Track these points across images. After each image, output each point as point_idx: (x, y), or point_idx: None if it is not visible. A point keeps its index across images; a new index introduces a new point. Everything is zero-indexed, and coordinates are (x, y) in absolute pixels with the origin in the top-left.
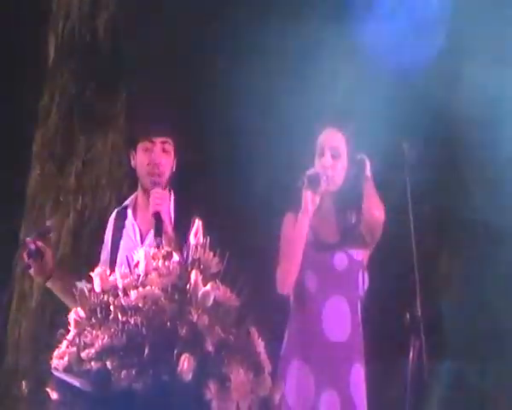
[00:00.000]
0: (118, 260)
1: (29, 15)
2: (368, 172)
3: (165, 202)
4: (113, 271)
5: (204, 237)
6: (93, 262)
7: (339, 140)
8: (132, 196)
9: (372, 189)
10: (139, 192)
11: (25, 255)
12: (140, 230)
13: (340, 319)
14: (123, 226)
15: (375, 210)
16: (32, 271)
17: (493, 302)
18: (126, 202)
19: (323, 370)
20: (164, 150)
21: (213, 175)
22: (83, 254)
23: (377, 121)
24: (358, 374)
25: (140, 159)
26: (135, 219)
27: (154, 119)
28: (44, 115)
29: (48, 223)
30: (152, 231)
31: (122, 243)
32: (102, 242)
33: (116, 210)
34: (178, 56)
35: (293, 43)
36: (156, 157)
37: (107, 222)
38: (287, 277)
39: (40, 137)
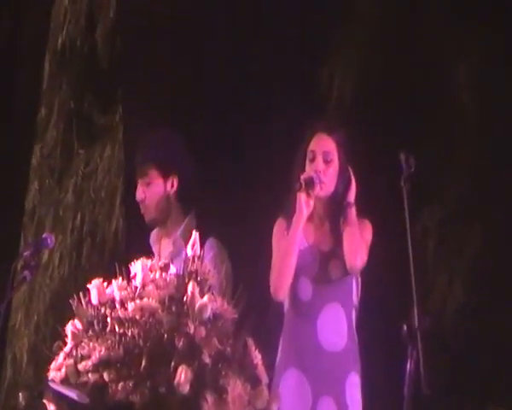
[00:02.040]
0: None
1: (27, 29)
2: (351, 197)
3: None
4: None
5: (201, 249)
6: (93, 276)
7: (330, 145)
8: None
9: (352, 223)
10: None
11: (21, 268)
12: (158, 253)
13: (335, 327)
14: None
15: (352, 259)
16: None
17: (493, 312)
18: (153, 232)
19: (319, 379)
20: (145, 185)
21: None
22: (83, 268)
23: (373, 130)
24: (354, 383)
25: None
26: (156, 248)
27: (134, 156)
28: (42, 129)
29: (44, 235)
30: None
31: None
32: (102, 256)
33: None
34: (177, 69)
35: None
36: (138, 195)
37: (106, 236)
38: (281, 282)
39: (39, 150)
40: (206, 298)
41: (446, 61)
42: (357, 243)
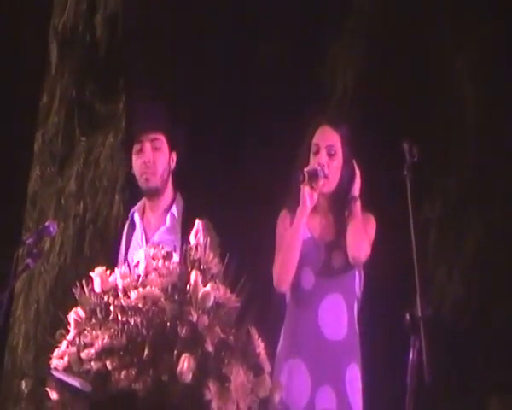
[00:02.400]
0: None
1: (29, 16)
2: (356, 191)
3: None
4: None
5: (204, 237)
6: (95, 264)
7: (334, 138)
8: (139, 203)
9: (357, 216)
10: (145, 197)
11: (24, 255)
12: (146, 233)
13: (336, 318)
14: (133, 231)
15: (355, 251)
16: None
17: (493, 303)
18: (133, 209)
19: (319, 368)
20: (155, 148)
21: (212, 173)
22: (85, 255)
23: (377, 121)
24: (354, 373)
25: (134, 162)
26: (142, 224)
27: (141, 116)
28: (44, 116)
29: (47, 223)
30: (156, 236)
31: (131, 248)
32: (104, 243)
33: (128, 220)
34: (179, 56)
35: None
36: (144, 156)
37: (108, 224)
38: (284, 274)
39: (40, 137)
40: (208, 287)
41: (447, 52)
42: (361, 235)
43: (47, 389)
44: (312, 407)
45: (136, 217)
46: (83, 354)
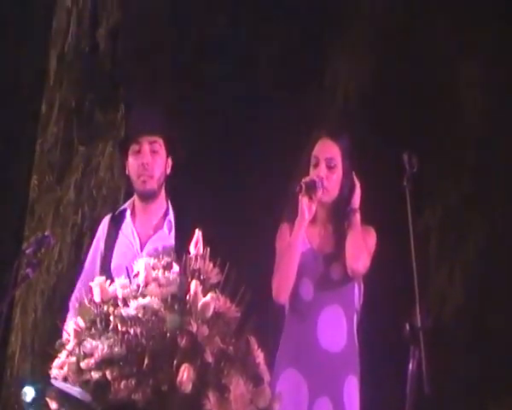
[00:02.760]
0: (112, 266)
1: (30, 27)
2: (356, 203)
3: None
4: (108, 278)
5: (204, 247)
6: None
7: (334, 151)
8: (129, 202)
9: (356, 228)
10: (135, 198)
11: (23, 265)
12: (139, 236)
13: (335, 329)
14: (118, 230)
15: (354, 263)
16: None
17: (494, 311)
18: (123, 207)
19: (317, 379)
20: (153, 151)
21: (212, 184)
22: (82, 264)
23: (376, 132)
24: (353, 385)
25: (131, 163)
26: (133, 224)
27: (141, 119)
28: (43, 126)
29: (46, 233)
30: (152, 240)
31: (117, 248)
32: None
33: (110, 215)
34: (178, 68)
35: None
36: (144, 157)
37: None
38: (283, 285)
39: (39, 147)
40: (208, 297)
41: (448, 61)
42: (360, 248)
43: (47, 398)
44: None
45: (128, 214)
46: (82, 364)
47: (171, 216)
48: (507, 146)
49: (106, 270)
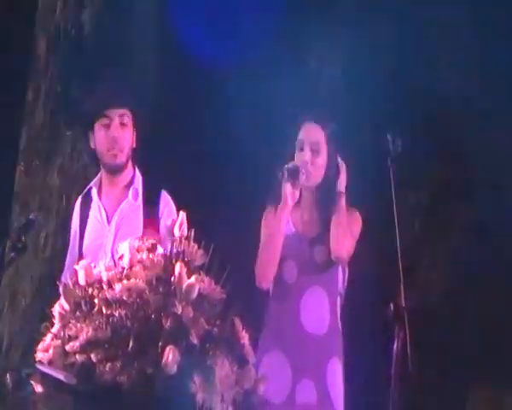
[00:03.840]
0: (84, 243)
1: (16, 12)
2: (341, 186)
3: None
4: (81, 258)
5: (188, 229)
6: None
7: (319, 135)
8: (96, 178)
9: (341, 212)
10: (102, 173)
11: (9, 249)
12: (105, 210)
13: (318, 312)
14: (89, 209)
15: (338, 249)
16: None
17: (476, 294)
18: (90, 185)
19: (300, 361)
20: (122, 123)
21: (197, 165)
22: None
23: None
24: (336, 368)
25: (98, 136)
26: (100, 200)
27: (109, 91)
28: (30, 112)
29: (31, 216)
30: (118, 211)
31: (88, 227)
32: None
33: (81, 195)
34: (163, 50)
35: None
36: (113, 131)
37: None
38: (265, 272)
39: (25, 133)
40: (193, 278)
41: (433, 42)
42: (344, 234)
43: (32, 382)
44: (293, 400)
45: (94, 192)
46: (67, 347)
47: (136, 184)
48: (492, 131)
49: (80, 249)
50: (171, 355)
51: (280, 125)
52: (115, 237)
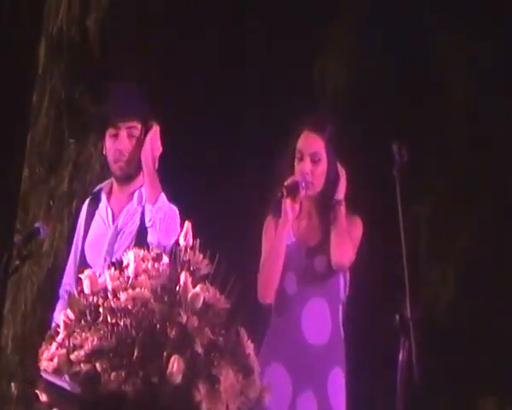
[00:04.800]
0: (86, 242)
1: (20, 16)
2: (340, 194)
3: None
4: (82, 258)
5: (194, 238)
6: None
7: (318, 145)
8: (106, 182)
9: (341, 220)
10: (113, 179)
11: (14, 257)
12: (112, 211)
13: (319, 322)
14: (95, 210)
15: (339, 258)
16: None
17: (485, 304)
18: (100, 187)
19: (301, 373)
20: (130, 135)
21: (202, 175)
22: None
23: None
24: (338, 378)
25: (107, 146)
26: (108, 202)
27: (118, 103)
28: (34, 118)
29: (36, 225)
30: (124, 212)
31: (92, 227)
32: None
33: (89, 198)
34: (170, 56)
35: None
36: (120, 144)
37: None
38: (268, 287)
39: (30, 139)
40: (198, 288)
41: (436, 51)
42: (344, 242)
43: (36, 391)
44: None
45: (103, 197)
46: (72, 356)
47: (142, 189)
48: (497, 140)
49: (83, 249)
50: (175, 365)
51: (283, 132)
52: (116, 239)
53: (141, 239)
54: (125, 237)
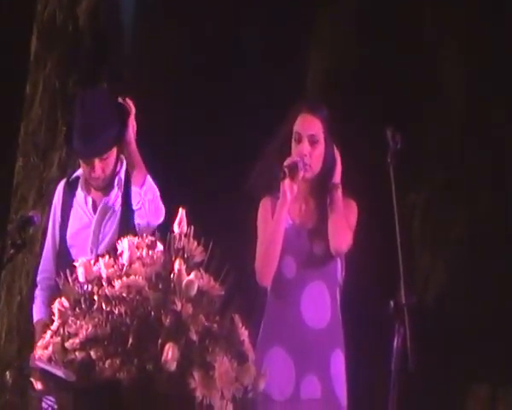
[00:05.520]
0: (68, 232)
1: (13, 6)
2: (337, 178)
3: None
4: (64, 247)
5: (188, 226)
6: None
7: (316, 127)
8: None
9: (338, 205)
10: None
11: (8, 246)
12: (93, 200)
13: (319, 305)
14: (73, 197)
15: (337, 244)
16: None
17: (475, 292)
18: (76, 175)
19: (303, 356)
20: (103, 160)
21: (196, 162)
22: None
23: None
24: (339, 360)
25: (82, 167)
26: (86, 191)
27: (88, 142)
28: (28, 107)
29: (30, 213)
30: (104, 200)
31: (73, 214)
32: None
33: (64, 181)
34: (162, 46)
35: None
36: (94, 173)
37: None
38: (267, 269)
39: (23, 129)
40: (192, 275)
41: (432, 37)
42: (342, 227)
43: (31, 379)
44: (297, 395)
45: (81, 182)
46: (67, 344)
47: (122, 173)
48: (492, 129)
49: (62, 238)
50: (170, 352)
51: (280, 116)
52: (100, 228)
53: (126, 224)
54: (109, 224)
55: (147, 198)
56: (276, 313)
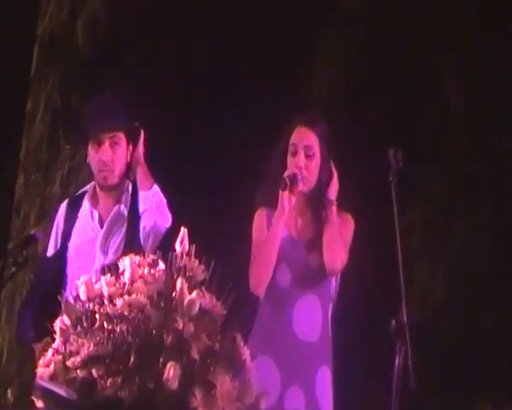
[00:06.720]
0: (71, 248)
1: (14, 23)
2: (332, 194)
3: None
4: (65, 261)
5: (189, 244)
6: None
7: (312, 139)
8: (89, 186)
9: (332, 222)
10: (96, 184)
11: (9, 264)
12: (99, 214)
13: (311, 319)
14: (76, 213)
15: (331, 262)
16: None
17: (474, 307)
18: (82, 191)
19: (290, 368)
20: (113, 143)
21: (197, 179)
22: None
23: (361, 126)
24: (325, 376)
25: (91, 155)
26: (92, 206)
27: (99, 114)
28: (29, 124)
29: (33, 231)
30: (111, 215)
31: (77, 229)
32: None
33: (68, 199)
34: (163, 59)
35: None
36: (103, 154)
37: None
38: (261, 279)
39: (25, 145)
40: (194, 294)
41: (433, 55)
42: (337, 246)
43: (32, 397)
44: (281, 407)
45: (86, 203)
46: (68, 363)
47: (129, 190)
48: (492, 145)
49: (64, 253)
50: (172, 371)
51: (278, 130)
52: (106, 242)
53: (132, 230)
54: (115, 238)
55: (154, 200)
56: (268, 321)
